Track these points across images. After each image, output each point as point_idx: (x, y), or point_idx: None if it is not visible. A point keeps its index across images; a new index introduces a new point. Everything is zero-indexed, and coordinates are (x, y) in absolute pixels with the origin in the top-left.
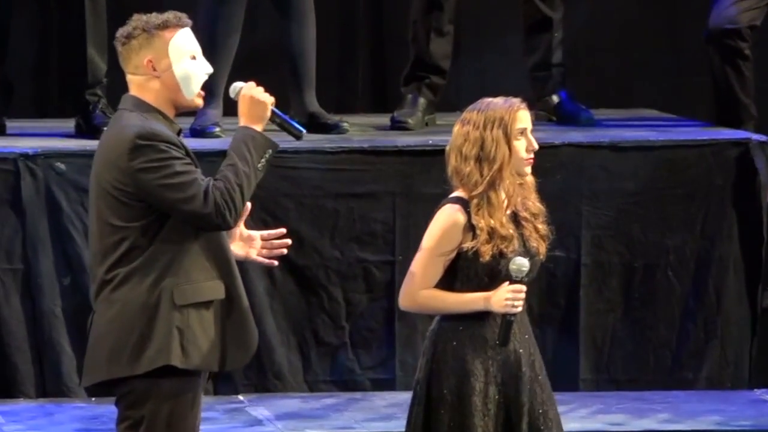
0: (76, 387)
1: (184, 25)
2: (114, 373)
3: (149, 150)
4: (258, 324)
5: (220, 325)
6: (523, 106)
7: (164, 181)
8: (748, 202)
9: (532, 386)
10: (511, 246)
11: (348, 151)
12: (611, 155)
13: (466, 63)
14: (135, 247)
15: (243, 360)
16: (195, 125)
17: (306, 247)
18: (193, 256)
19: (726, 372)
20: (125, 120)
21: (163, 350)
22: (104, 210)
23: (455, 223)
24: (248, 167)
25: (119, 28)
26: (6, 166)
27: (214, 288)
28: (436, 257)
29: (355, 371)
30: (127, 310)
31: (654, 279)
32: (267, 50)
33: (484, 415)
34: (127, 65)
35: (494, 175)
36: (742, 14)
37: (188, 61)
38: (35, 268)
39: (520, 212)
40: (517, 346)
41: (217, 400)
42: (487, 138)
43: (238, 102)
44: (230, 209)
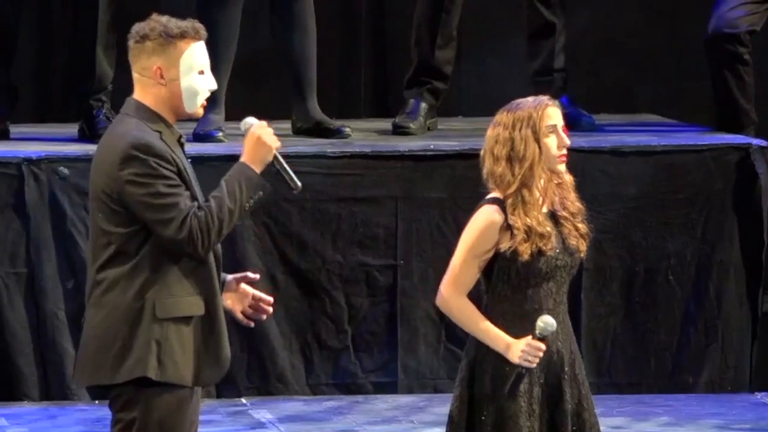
0: (79, 390)
1: (201, 38)
2: (98, 380)
3: (139, 163)
4: (260, 328)
5: (198, 340)
6: (552, 103)
7: (146, 199)
8: (749, 206)
9: (573, 386)
10: (549, 244)
11: (350, 156)
12: (612, 160)
13: (467, 68)
14: (121, 252)
15: (216, 377)
16: (198, 130)
17: (308, 251)
18: (177, 271)
19: (726, 376)
20: (125, 126)
21: (141, 362)
22: (96, 213)
23: (492, 222)
24: (234, 205)
25: (136, 23)
26: (10, 171)
27: (195, 304)
28: (473, 258)
29: (358, 374)
30: (112, 317)
31: (655, 283)
32: (268, 57)
33: (530, 416)
34: (136, 64)
35: (526, 173)
36: (741, 19)
37: (196, 76)
38: (39, 272)
39: (559, 211)
40: (559, 346)
41: (220, 403)
42: (516, 137)
43: (245, 137)
44: (203, 240)
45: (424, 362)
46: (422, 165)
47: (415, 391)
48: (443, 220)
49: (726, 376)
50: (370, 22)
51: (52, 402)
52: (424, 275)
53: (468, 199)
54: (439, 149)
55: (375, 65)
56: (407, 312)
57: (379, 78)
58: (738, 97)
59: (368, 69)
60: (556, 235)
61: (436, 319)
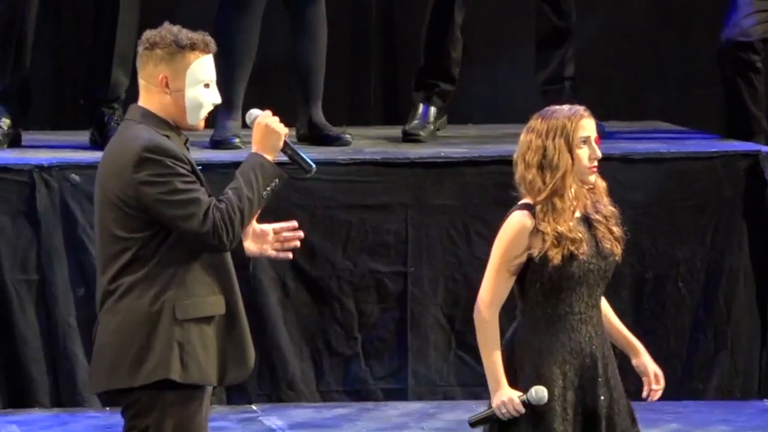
0: (90, 396)
1: (210, 51)
2: (114, 384)
3: (154, 164)
4: (271, 334)
5: (220, 340)
6: (587, 114)
7: (165, 197)
8: (758, 213)
9: (606, 390)
10: (581, 248)
11: (360, 163)
12: (622, 167)
13: (478, 75)
14: (138, 257)
15: (241, 376)
16: (215, 137)
17: (319, 258)
18: (196, 271)
19: (736, 382)
20: (133, 131)
21: (163, 364)
22: (108, 220)
23: (523, 227)
24: (252, 193)
25: (147, 30)
26: (21, 178)
27: (216, 303)
28: (506, 263)
29: (368, 381)
30: (129, 321)
31: (664, 290)
32: (278, 61)
33: (564, 420)
34: (143, 71)
35: (557, 183)
36: (755, 27)
37: (201, 89)
38: (50, 279)
39: (592, 215)
40: (594, 349)
41: (230, 410)
42: (549, 146)
43: (253, 129)
44: (228, 231)
45: (434, 369)
46: (432, 172)
47: (425, 398)
48: (453, 227)
49: (735, 382)
50: (380, 30)
51: (63, 409)
52: (434, 282)
53: (478, 207)
54: (449, 156)
55: (384, 73)
56: (417, 319)
57: (389, 86)
58: (749, 105)
59: (378, 77)
60: (589, 238)
61: (446, 326)
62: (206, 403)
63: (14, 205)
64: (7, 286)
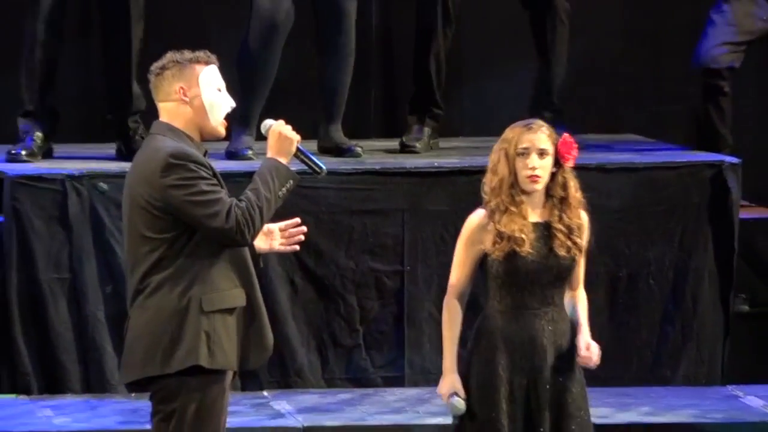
0: (117, 384)
1: (213, 62)
2: (148, 372)
3: (180, 168)
4: (281, 327)
5: (242, 328)
6: (532, 129)
7: (191, 198)
8: (722, 218)
9: (556, 377)
10: (524, 248)
11: (361, 172)
12: (598, 176)
13: (468, 91)
14: (165, 257)
15: (261, 360)
16: (230, 148)
17: (324, 258)
18: (218, 267)
19: (701, 370)
20: (159, 142)
21: (192, 352)
22: (137, 222)
23: (476, 224)
24: (270, 193)
25: (154, 63)
26: (54, 186)
27: (237, 296)
28: (464, 254)
29: (368, 370)
30: (159, 316)
31: (636, 287)
32: (293, 84)
33: (511, 402)
34: (159, 93)
35: (497, 188)
36: (723, 56)
37: (215, 92)
38: (81, 278)
39: (554, 224)
40: (545, 342)
41: (244, 396)
42: (494, 155)
43: (268, 136)
44: (249, 227)
45: (428, 359)
46: (426, 181)
47: (420, 385)
48: (446, 230)
49: (700, 370)
50: (380, 53)
51: (93, 395)
52: (429, 280)
53: (468, 211)
54: (442, 166)
55: (384, 91)
56: (413, 313)
57: (387, 103)
58: (717, 125)
59: (377, 95)
60: (540, 242)
61: (439, 320)
62: (227, 389)
63: (48, 210)
64: (41, 284)
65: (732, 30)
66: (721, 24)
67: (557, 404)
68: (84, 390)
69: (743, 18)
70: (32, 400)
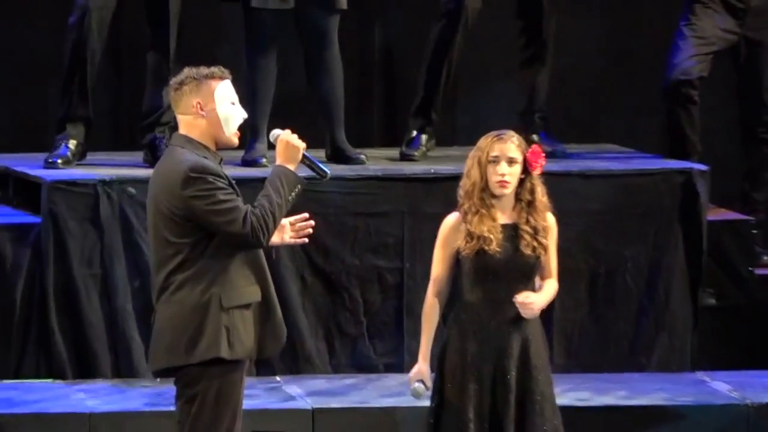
0: (144, 370)
1: (227, 77)
2: (172, 362)
3: (199, 181)
4: (292, 319)
5: (258, 321)
6: (503, 139)
7: (210, 207)
8: (691, 220)
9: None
10: (491, 246)
11: (365, 178)
12: (580, 181)
13: (462, 106)
14: (187, 259)
15: (276, 349)
16: (246, 157)
17: (331, 256)
18: (236, 267)
19: (672, 358)
20: (179, 155)
21: (214, 345)
22: (161, 228)
23: (451, 224)
24: (280, 198)
25: (172, 78)
26: (87, 190)
27: (253, 292)
28: (441, 251)
29: (371, 357)
30: (182, 311)
31: (614, 282)
32: (299, 96)
33: (480, 385)
34: (178, 107)
35: (470, 192)
36: (693, 67)
37: (229, 106)
38: (111, 273)
39: (521, 225)
40: (510, 333)
41: (258, 381)
42: (469, 161)
43: (276, 145)
44: (263, 231)
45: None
46: (424, 186)
47: None
48: None
49: (672, 358)
50: (382, 70)
51: (122, 379)
52: (426, 276)
53: None
54: (438, 173)
55: (385, 105)
56: (412, 306)
57: (389, 115)
58: (687, 132)
59: (379, 108)
60: (508, 242)
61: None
62: (244, 375)
63: (81, 212)
64: (75, 279)
65: (700, 42)
66: (689, 37)
67: (523, 390)
68: (114, 375)
69: (709, 29)
70: (67, 384)
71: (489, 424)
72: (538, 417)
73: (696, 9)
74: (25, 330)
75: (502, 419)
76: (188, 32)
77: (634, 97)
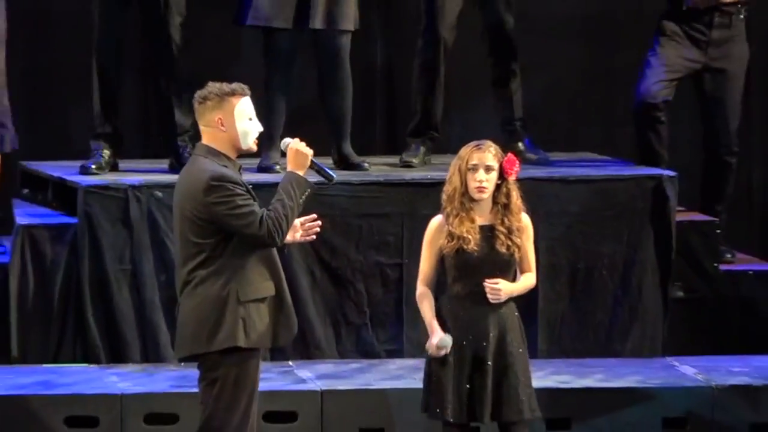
0: (169, 355)
1: (246, 94)
2: (195, 350)
3: (220, 189)
4: (303, 309)
5: (272, 314)
6: (481, 149)
7: (230, 212)
8: (661, 220)
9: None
10: (469, 245)
11: (369, 183)
12: (561, 186)
13: (454, 117)
14: (209, 257)
15: (288, 339)
16: (261, 164)
17: (337, 253)
18: (252, 264)
19: (645, 345)
20: (201, 164)
21: (232, 335)
22: (185, 229)
23: (435, 226)
24: (292, 202)
25: (197, 91)
26: (119, 194)
27: (268, 287)
28: (428, 253)
29: (374, 344)
30: (204, 303)
31: (592, 277)
32: (310, 109)
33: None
34: (201, 119)
35: (452, 196)
36: (659, 92)
37: (247, 122)
38: (140, 269)
39: (497, 226)
40: (488, 323)
41: (273, 365)
42: (451, 168)
43: (287, 153)
44: (278, 232)
45: (422, 335)
46: (422, 190)
47: (416, 356)
48: None
49: (644, 345)
50: (383, 88)
51: (150, 364)
52: None
53: None
54: (434, 178)
55: (386, 118)
56: (410, 298)
57: (390, 126)
58: (656, 147)
59: (381, 119)
60: (485, 241)
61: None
62: (260, 362)
63: (113, 214)
64: (108, 274)
65: (665, 69)
66: (655, 65)
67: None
68: (143, 360)
69: (674, 59)
70: (100, 368)
71: (467, 406)
72: (514, 398)
73: (662, 41)
74: (62, 319)
75: (481, 400)
76: (208, 51)
77: (609, 110)
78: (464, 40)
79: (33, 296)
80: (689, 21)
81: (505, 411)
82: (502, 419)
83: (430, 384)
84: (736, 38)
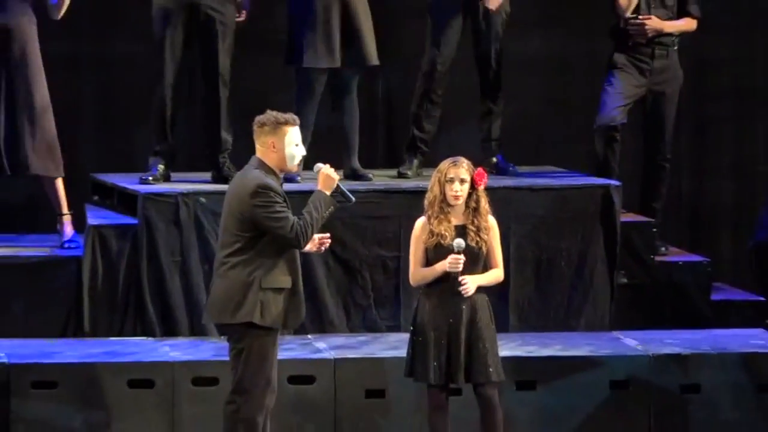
0: (209, 326)
1: (296, 124)
2: (221, 320)
3: (263, 195)
4: (320, 294)
5: (285, 302)
6: (456, 164)
7: (269, 215)
8: (609, 221)
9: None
10: (446, 241)
11: (372, 191)
12: (528, 194)
13: (444, 138)
14: (243, 247)
15: (296, 324)
16: (286, 176)
17: (348, 247)
18: (276, 259)
19: (596, 321)
20: (252, 173)
21: (250, 312)
22: (230, 222)
23: (420, 225)
24: (318, 214)
25: (257, 116)
26: (171, 200)
27: (286, 281)
28: (416, 247)
29: (377, 321)
30: (233, 284)
31: (553, 266)
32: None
33: (439, 348)
34: (258, 139)
35: (432, 202)
36: (616, 116)
37: (294, 147)
38: (188, 260)
39: (468, 226)
40: (462, 309)
41: (294, 338)
42: (432, 179)
43: (318, 175)
44: (304, 237)
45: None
46: (416, 197)
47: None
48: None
49: (595, 321)
50: (384, 113)
51: (196, 337)
52: None
53: None
54: (425, 188)
55: (386, 138)
56: (406, 284)
57: (389, 144)
58: (611, 162)
59: (383, 139)
60: (457, 236)
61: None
62: (277, 340)
63: (167, 216)
64: (163, 265)
65: (621, 96)
66: (612, 93)
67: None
68: (190, 334)
69: (626, 86)
70: (156, 341)
71: (446, 371)
72: (483, 364)
73: (615, 72)
74: (125, 301)
75: (456, 365)
76: (251, 83)
77: (566, 132)
78: (454, 71)
79: (101, 283)
80: (634, 53)
81: (475, 374)
82: (473, 381)
83: (415, 353)
84: (673, 66)
